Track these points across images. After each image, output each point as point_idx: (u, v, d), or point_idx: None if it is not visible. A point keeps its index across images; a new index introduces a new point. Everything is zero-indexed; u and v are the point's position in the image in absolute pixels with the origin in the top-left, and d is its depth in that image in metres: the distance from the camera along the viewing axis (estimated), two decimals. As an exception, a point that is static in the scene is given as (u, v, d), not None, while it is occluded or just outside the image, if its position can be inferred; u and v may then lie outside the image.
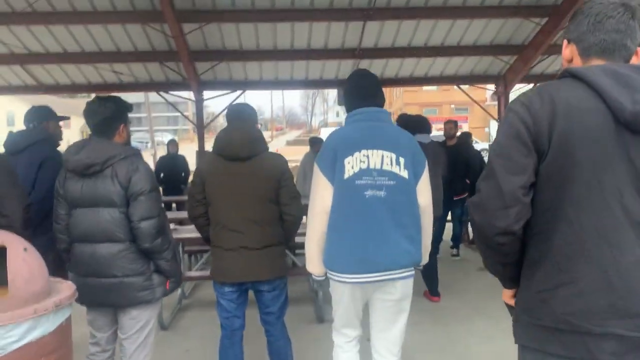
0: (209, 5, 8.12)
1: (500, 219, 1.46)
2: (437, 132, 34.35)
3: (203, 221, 3.00)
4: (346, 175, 2.46)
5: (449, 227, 7.64)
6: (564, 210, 1.43)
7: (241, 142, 2.83)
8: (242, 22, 8.48)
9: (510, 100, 10.40)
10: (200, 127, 10.15)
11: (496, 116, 11.13)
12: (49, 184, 3.11)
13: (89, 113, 2.68)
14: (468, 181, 7.33)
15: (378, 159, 2.47)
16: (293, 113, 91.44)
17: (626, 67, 1.44)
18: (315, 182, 2.56)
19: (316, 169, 2.56)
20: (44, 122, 3.63)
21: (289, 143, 52.99)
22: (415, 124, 5.17)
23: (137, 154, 2.71)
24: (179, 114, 11.91)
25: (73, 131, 51.68)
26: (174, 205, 8.88)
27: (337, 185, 2.48)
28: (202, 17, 8.22)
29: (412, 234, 2.52)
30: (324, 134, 47.51)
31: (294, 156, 35.94)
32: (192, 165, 11.48)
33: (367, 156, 2.47)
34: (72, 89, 10.37)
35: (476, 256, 7.31)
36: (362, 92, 2.64)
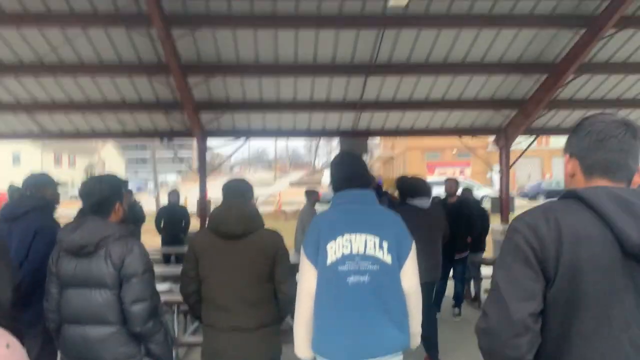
0: (214, 59, 8.30)
1: (512, 349, 1.41)
2: (439, 176, 34.42)
3: (195, 298, 2.96)
4: (329, 261, 2.48)
5: (450, 284, 7.56)
6: (572, 339, 1.41)
7: (236, 219, 2.82)
8: (247, 76, 8.64)
9: (509, 160, 10.43)
10: (203, 176, 10.19)
11: (498, 163, 11.08)
12: (43, 253, 3.10)
13: (85, 193, 2.69)
14: (470, 239, 7.29)
15: (361, 243, 2.49)
16: (297, 154, 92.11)
17: (630, 193, 1.44)
18: (301, 264, 2.57)
19: (301, 252, 2.59)
20: (41, 188, 3.65)
21: (292, 184, 53.09)
22: (414, 189, 5.17)
23: (132, 233, 2.71)
24: (183, 154, 12.00)
25: (78, 170, 52.16)
26: (172, 257, 8.83)
27: (321, 270, 2.50)
28: (208, 70, 8.38)
29: (399, 318, 2.52)
30: (327, 176, 47.70)
31: (297, 197, 36.01)
32: (194, 204, 11.44)
33: (350, 241, 2.48)
34: (76, 135, 10.47)
35: (478, 315, 7.18)
36: (347, 174, 2.67)
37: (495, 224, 11.31)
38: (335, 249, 2.48)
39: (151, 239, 15.90)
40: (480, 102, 9.68)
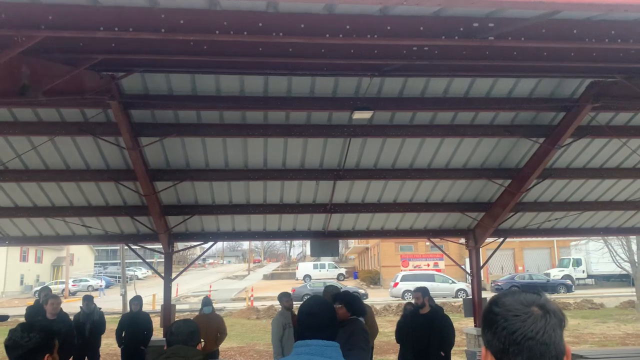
0: (183, 165, 8.32)
1: None
2: (414, 269, 34.07)
3: None
4: None
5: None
6: None
7: None
8: (216, 180, 8.65)
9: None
10: (168, 281, 9.87)
11: (468, 258, 11.03)
12: None
13: (10, 346, 2.47)
14: (443, 353, 7.04)
15: None
16: (272, 244, 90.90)
17: None
18: None
19: None
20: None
21: (265, 277, 51.98)
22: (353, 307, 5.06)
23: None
24: (154, 247, 11.61)
25: (45, 266, 50.43)
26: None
27: None
28: (176, 175, 8.37)
29: None
30: (302, 268, 47.01)
31: (271, 292, 35.17)
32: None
33: None
34: (40, 240, 10.19)
35: None
36: (312, 324, 2.55)
37: (470, 327, 11.10)
38: None
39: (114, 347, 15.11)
40: (448, 205, 9.81)
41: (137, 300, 9.69)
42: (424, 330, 5.78)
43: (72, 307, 14.47)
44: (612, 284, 34.22)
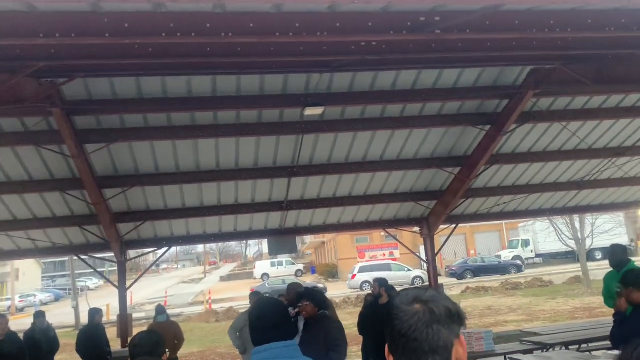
0: (132, 170, 8.10)
1: None
2: (370, 260, 34.53)
3: None
4: None
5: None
6: None
7: None
8: (167, 184, 8.46)
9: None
10: (123, 290, 9.59)
11: (424, 246, 11.26)
12: None
13: None
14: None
15: None
16: (227, 245, 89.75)
17: None
18: None
19: None
20: None
21: (222, 279, 51.43)
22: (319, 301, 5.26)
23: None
24: (105, 257, 11.26)
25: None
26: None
27: None
28: (125, 181, 8.13)
29: None
30: (259, 267, 46.73)
31: (228, 294, 34.82)
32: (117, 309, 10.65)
33: None
34: (-18, 257, 9.69)
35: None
36: (265, 325, 2.52)
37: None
38: None
39: None
40: (401, 195, 9.97)
41: (97, 312, 9.32)
42: (383, 320, 5.85)
43: (20, 324, 13.88)
44: (558, 262, 35.74)
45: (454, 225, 11.02)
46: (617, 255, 6.33)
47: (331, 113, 7.54)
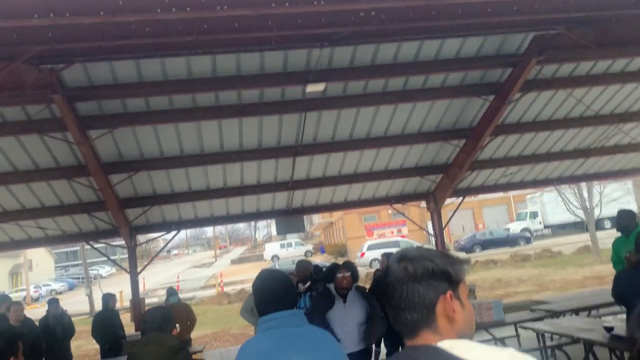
0: (137, 155, 8.11)
1: None
2: (379, 238, 34.59)
3: None
4: None
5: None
6: None
7: (156, 356, 2.57)
8: (172, 168, 8.48)
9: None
10: (134, 274, 9.69)
11: (431, 221, 11.27)
12: None
13: None
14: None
15: None
16: (236, 229, 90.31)
17: (429, 356, 1.29)
18: None
19: None
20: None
21: (233, 262, 51.78)
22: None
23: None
24: (116, 243, 11.38)
25: (2, 275, 48.63)
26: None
27: None
28: (131, 166, 8.16)
29: None
30: (269, 249, 46.99)
31: (239, 276, 35.11)
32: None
33: None
34: (-6, 247, 9.79)
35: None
36: (270, 296, 2.53)
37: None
38: None
39: (85, 348, 14.83)
40: (406, 170, 9.94)
41: (111, 298, 9.43)
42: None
43: (35, 313, 14.06)
44: (567, 232, 35.67)
45: (460, 199, 10.99)
46: (624, 220, 6.28)
47: (333, 89, 7.50)
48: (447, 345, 1.29)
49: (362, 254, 31.92)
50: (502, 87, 7.95)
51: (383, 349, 7.26)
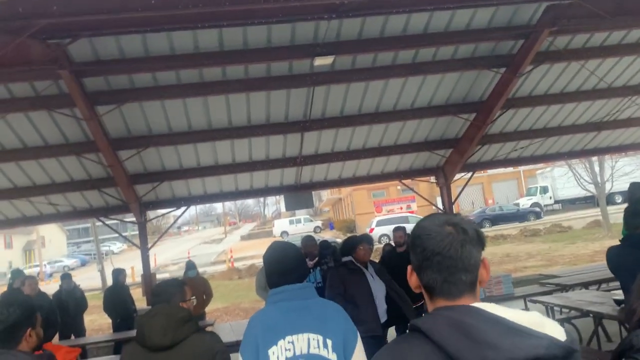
0: (145, 130, 8.10)
1: None
2: (388, 214, 34.61)
3: None
4: None
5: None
6: None
7: (161, 328, 2.57)
8: (181, 144, 8.47)
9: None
10: (145, 250, 9.77)
11: (440, 196, 11.23)
12: None
13: None
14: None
15: (304, 343, 2.34)
16: (245, 205, 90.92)
17: (471, 315, 1.34)
18: None
19: (239, 358, 2.39)
20: None
21: (243, 238, 52.21)
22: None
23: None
24: (127, 219, 11.49)
25: (16, 251, 49.42)
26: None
27: None
28: (139, 142, 8.16)
29: None
30: (278, 225, 47.29)
31: (250, 252, 35.40)
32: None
33: (292, 342, 2.33)
34: (7, 224, 9.90)
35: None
36: (280, 268, 2.53)
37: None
38: (278, 354, 2.31)
39: (98, 323, 15.08)
40: (416, 145, 9.86)
41: (120, 273, 9.55)
42: (401, 266, 5.95)
43: (49, 288, 14.29)
44: (578, 207, 35.51)
45: (470, 173, 10.92)
46: (636, 193, 6.22)
47: (341, 63, 7.40)
48: (481, 306, 1.34)
49: (371, 230, 32.01)
50: (513, 59, 7.81)
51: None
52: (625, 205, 6.10)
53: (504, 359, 1.23)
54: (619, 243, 4.02)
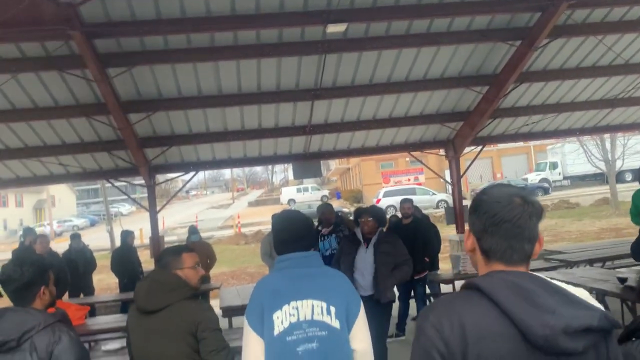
0: (155, 94, 8.09)
1: None
2: (395, 185, 34.61)
3: None
4: (276, 332, 2.36)
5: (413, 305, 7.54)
6: None
7: (146, 293, 2.64)
8: (190, 108, 8.46)
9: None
10: (154, 213, 9.88)
11: (449, 169, 11.21)
12: None
13: (4, 281, 2.46)
14: (427, 259, 7.29)
15: (308, 309, 2.39)
16: (254, 172, 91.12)
17: (529, 280, 1.43)
18: (245, 337, 2.43)
19: (245, 324, 2.44)
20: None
21: (250, 204, 52.57)
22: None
23: (61, 319, 2.48)
24: (136, 182, 11.60)
25: (26, 209, 50.12)
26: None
27: (268, 341, 2.36)
28: (149, 105, 8.15)
29: None
30: (285, 193, 47.50)
31: (256, 218, 35.69)
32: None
33: (297, 308, 2.38)
34: (17, 182, 10.01)
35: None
36: (288, 236, 2.56)
37: (452, 234, 11.46)
38: (282, 318, 2.37)
39: (107, 282, 15.37)
40: (427, 117, 9.79)
41: (129, 234, 9.68)
42: (407, 239, 6.01)
43: (59, 247, 14.55)
44: (587, 184, 35.33)
45: (480, 147, 10.86)
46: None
47: (355, 31, 7.30)
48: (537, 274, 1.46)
49: (378, 201, 32.10)
50: (529, 32, 7.67)
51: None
52: (636, 183, 6.08)
53: (562, 324, 1.32)
54: None
